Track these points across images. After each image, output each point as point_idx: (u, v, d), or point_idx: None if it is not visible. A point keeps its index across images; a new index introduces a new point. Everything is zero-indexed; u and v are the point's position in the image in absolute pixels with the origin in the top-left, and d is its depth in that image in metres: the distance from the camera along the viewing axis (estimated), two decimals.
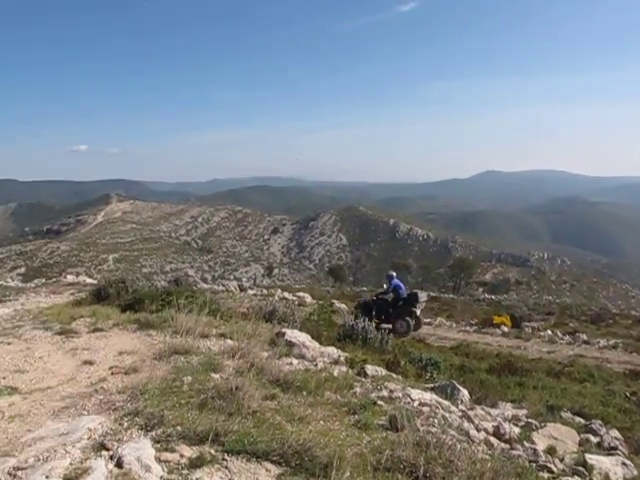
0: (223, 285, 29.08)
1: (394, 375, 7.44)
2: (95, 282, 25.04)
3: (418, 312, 16.97)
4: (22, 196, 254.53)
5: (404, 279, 21.70)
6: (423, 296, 18.01)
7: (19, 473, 3.50)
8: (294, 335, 7.85)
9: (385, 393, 6.11)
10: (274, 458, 3.95)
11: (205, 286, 29.42)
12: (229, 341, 7.21)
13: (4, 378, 5.81)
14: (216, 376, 5.55)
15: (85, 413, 4.72)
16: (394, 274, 17.59)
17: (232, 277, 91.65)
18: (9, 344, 7.56)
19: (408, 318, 16.54)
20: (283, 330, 7.99)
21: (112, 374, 5.78)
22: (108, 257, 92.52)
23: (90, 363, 6.31)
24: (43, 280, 29.58)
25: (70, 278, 25.40)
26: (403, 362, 9.09)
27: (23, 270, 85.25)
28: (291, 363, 6.80)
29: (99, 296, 11.78)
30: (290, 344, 7.52)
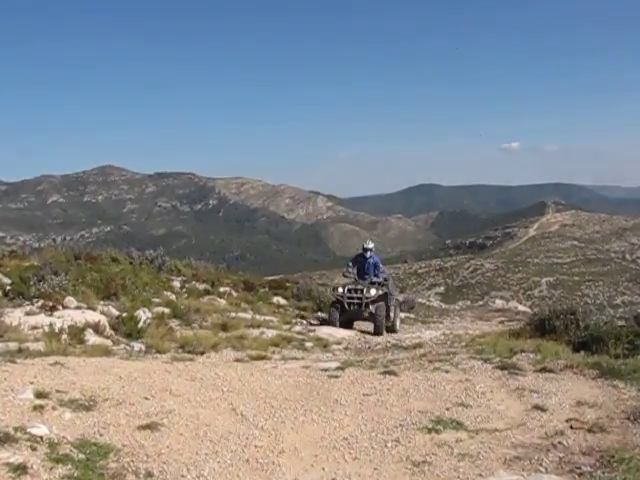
0: None
1: None
2: (528, 310, 25.96)
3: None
4: (444, 203, 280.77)
5: None
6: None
7: None
8: None
9: None
10: None
11: None
12: None
13: (447, 409, 6.53)
14: None
15: (542, 470, 4.94)
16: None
17: None
18: (447, 372, 8.44)
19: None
20: None
21: (571, 428, 5.88)
22: (540, 280, 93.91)
23: (541, 409, 6.56)
24: (468, 302, 32.19)
25: (499, 303, 27.02)
26: None
27: (442, 289, 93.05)
28: None
29: (541, 328, 12.12)
30: None
